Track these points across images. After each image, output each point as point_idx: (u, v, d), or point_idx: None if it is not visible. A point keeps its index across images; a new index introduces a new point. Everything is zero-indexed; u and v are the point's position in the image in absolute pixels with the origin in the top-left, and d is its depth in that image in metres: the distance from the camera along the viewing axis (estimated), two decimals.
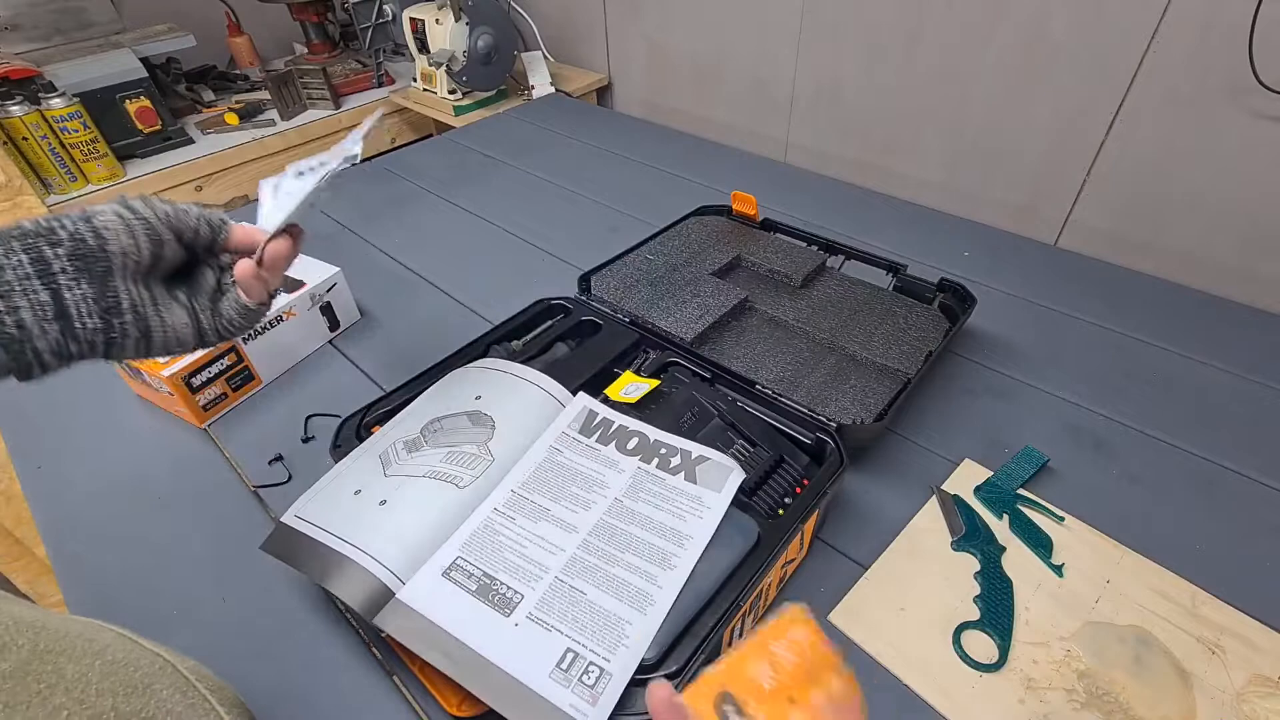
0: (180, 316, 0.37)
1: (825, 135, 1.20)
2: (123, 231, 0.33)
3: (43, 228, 0.32)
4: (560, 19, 1.58)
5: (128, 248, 0.34)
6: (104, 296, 0.33)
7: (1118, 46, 0.82)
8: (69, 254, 0.32)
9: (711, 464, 0.49)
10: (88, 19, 1.50)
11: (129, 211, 0.34)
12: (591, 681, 0.37)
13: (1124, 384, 0.67)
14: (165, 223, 0.35)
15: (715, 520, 0.45)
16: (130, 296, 0.34)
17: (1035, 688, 0.44)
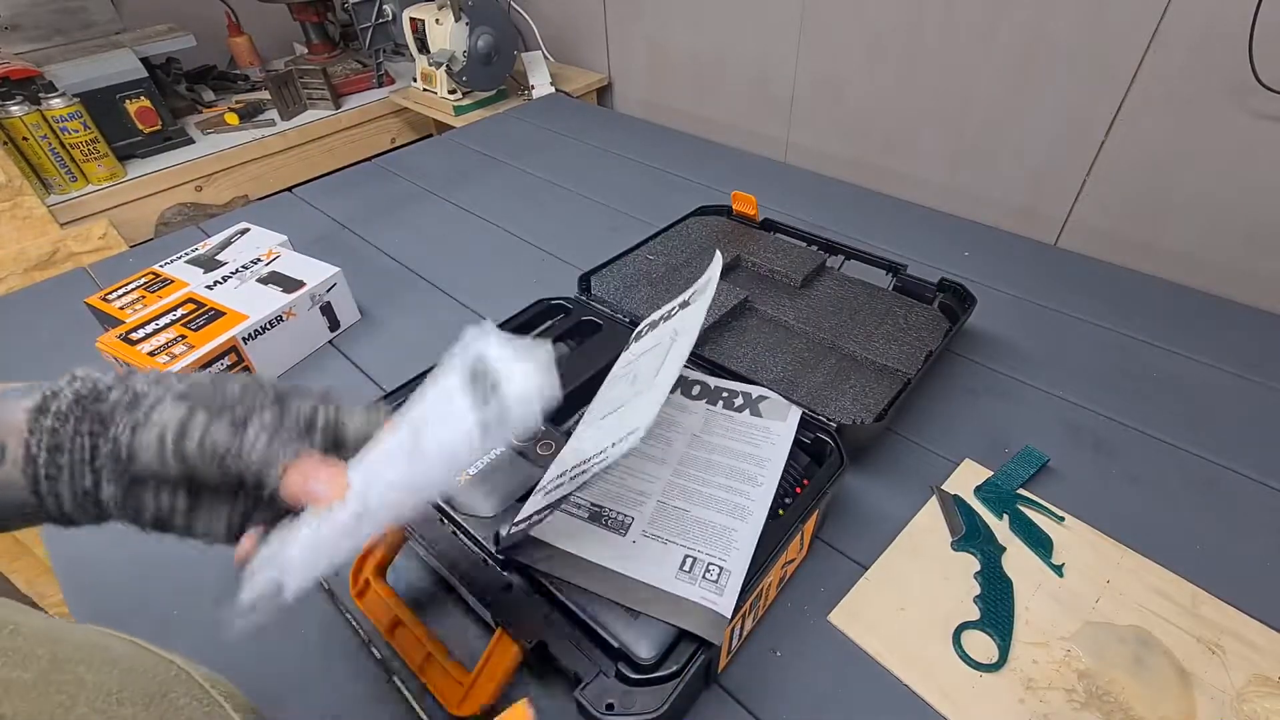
0: (217, 528, 0.33)
1: (825, 135, 1.20)
2: (154, 456, 0.29)
3: (106, 413, 0.29)
4: (560, 19, 1.58)
5: (153, 469, 0.30)
6: (128, 502, 0.30)
7: (1118, 46, 0.82)
8: (109, 454, 0.29)
9: (771, 401, 0.54)
10: (88, 19, 1.50)
11: (172, 440, 0.29)
12: (715, 577, 0.42)
13: (1124, 384, 0.67)
14: (208, 459, 0.30)
15: (786, 444, 0.51)
16: (156, 506, 0.31)
17: (1035, 688, 0.44)
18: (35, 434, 0.28)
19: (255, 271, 0.74)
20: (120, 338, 0.64)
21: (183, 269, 0.77)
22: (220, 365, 0.64)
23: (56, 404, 0.29)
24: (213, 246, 0.81)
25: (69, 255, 1.22)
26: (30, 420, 0.28)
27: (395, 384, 0.59)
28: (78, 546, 0.55)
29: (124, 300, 0.72)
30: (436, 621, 0.47)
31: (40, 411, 0.29)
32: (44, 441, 0.28)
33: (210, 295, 0.70)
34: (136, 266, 0.79)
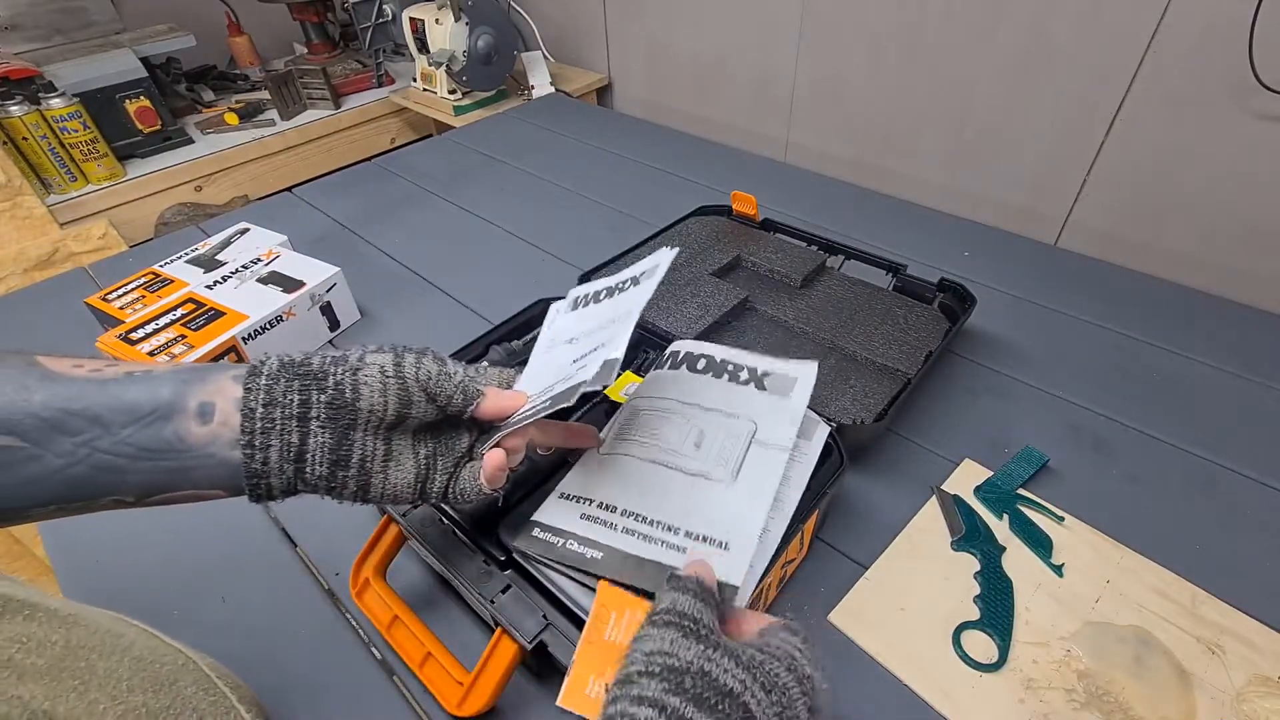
0: (406, 474, 0.36)
1: (825, 135, 1.20)
2: (377, 391, 0.33)
3: (316, 369, 0.33)
4: (560, 19, 1.58)
5: (376, 405, 0.33)
6: (339, 447, 0.33)
7: (1118, 46, 0.82)
8: (328, 401, 0.32)
9: (775, 376, 0.51)
10: (88, 19, 1.50)
11: (393, 369, 0.34)
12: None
13: (1124, 384, 0.67)
14: (422, 386, 0.34)
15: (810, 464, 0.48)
16: (362, 450, 0.34)
17: (1035, 688, 0.44)
18: (252, 391, 0.31)
19: (255, 271, 0.74)
20: (120, 338, 0.64)
21: (183, 269, 0.77)
22: None
23: (266, 367, 0.32)
24: (213, 246, 0.81)
25: (69, 255, 1.22)
26: (245, 379, 0.31)
27: None
28: (77, 547, 0.55)
29: (124, 300, 0.72)
30: (436, 621, 0.47)
31: (252, 374, 0.32)
32: (260, 397, 0.31)
33: (210, 295, 0.70)
34: (136, 266, 0.79)
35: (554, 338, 0.45)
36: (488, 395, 0.37)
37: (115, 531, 0.56)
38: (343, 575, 0.51)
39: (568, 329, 0.45)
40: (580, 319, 0.45)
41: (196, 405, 0.30)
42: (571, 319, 0.46)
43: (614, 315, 0.42)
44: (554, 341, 0.45)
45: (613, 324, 0.41)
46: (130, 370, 0.31)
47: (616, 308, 0.43)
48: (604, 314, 0.43)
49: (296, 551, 0.54)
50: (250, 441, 0.31)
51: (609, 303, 0.44)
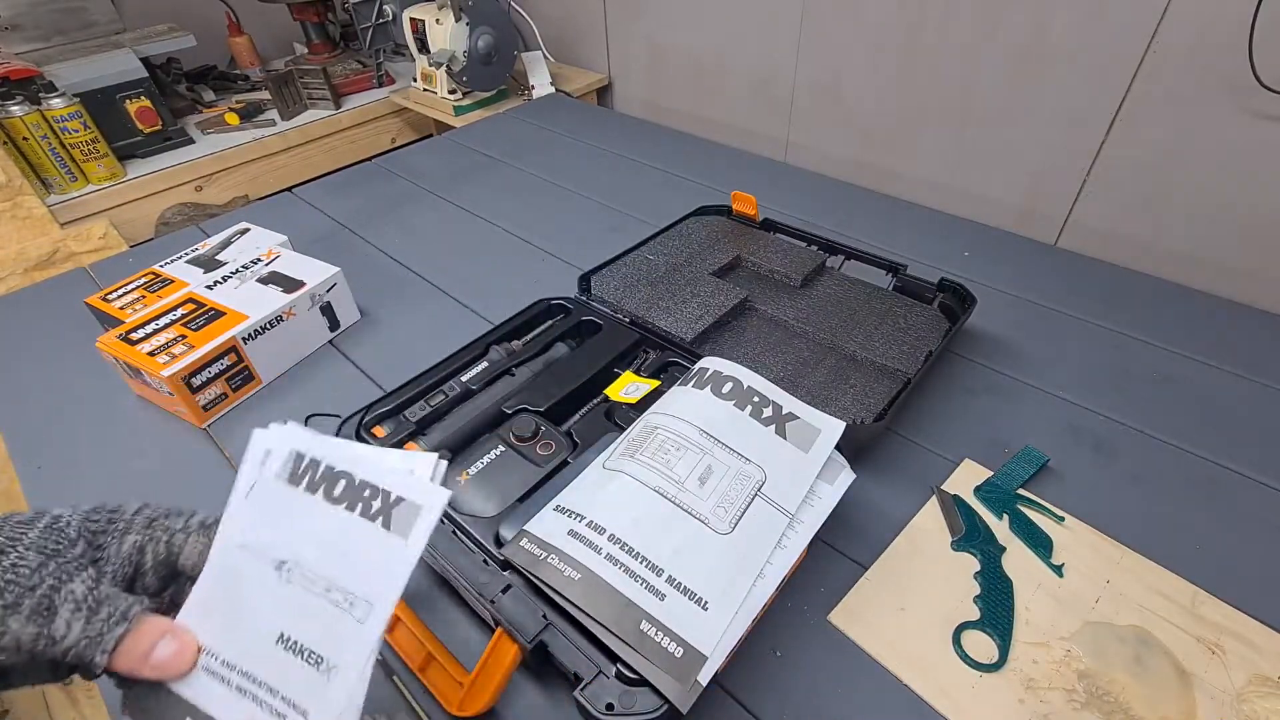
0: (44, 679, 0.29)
1: (825, 135, 1.20)
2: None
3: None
4: (560, 19, 1.58)
5: None
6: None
7: (1118, 46, 0.82)
8: None
9: (799, 424, 0.49)
10: (88, 19, 1.50)
11: None
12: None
13: (1124, 384, 0.67)
14: (14, 652, 0.25)
15: (828, 508, 0.46)
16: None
17: (1035, 688, 0.44)
18: None
19: (255, 271, 0.74)
20: (120, 338, 0.64)
21: (183, 269, 0.77)
22: (220, 365, 0.64)
23: None
24: (213, 246, 0.81)
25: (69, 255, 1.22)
26: None
27: (395, 384, 0.59)
28: None
29: (124, 300, 0.72)
30: (436, 622, 0.47)
31: None
32: None
33: (210, 295, 0.70)
34: (136, 266, 0.79)
35: (252, 538, 0.32)
36: (119, 659, 0.27)
37: None
38: None
39: (276, 534, 0.32)
40: (298, 519, 0.32)
41: None
42: (284, 508, 0.32)
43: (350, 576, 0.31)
44: (252, 546, 0.32)
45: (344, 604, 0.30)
46: None
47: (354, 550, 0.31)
48: (336, 546, 0.31)
49: None
50: None
51: (342, 519, 0.31)
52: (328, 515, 0.32)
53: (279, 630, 0.30)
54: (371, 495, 0.32)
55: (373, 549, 0.31)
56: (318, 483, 0.32)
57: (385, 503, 0.31)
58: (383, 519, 0.31)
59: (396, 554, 0.30)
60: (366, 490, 0.32)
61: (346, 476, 0.32)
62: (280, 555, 0.31)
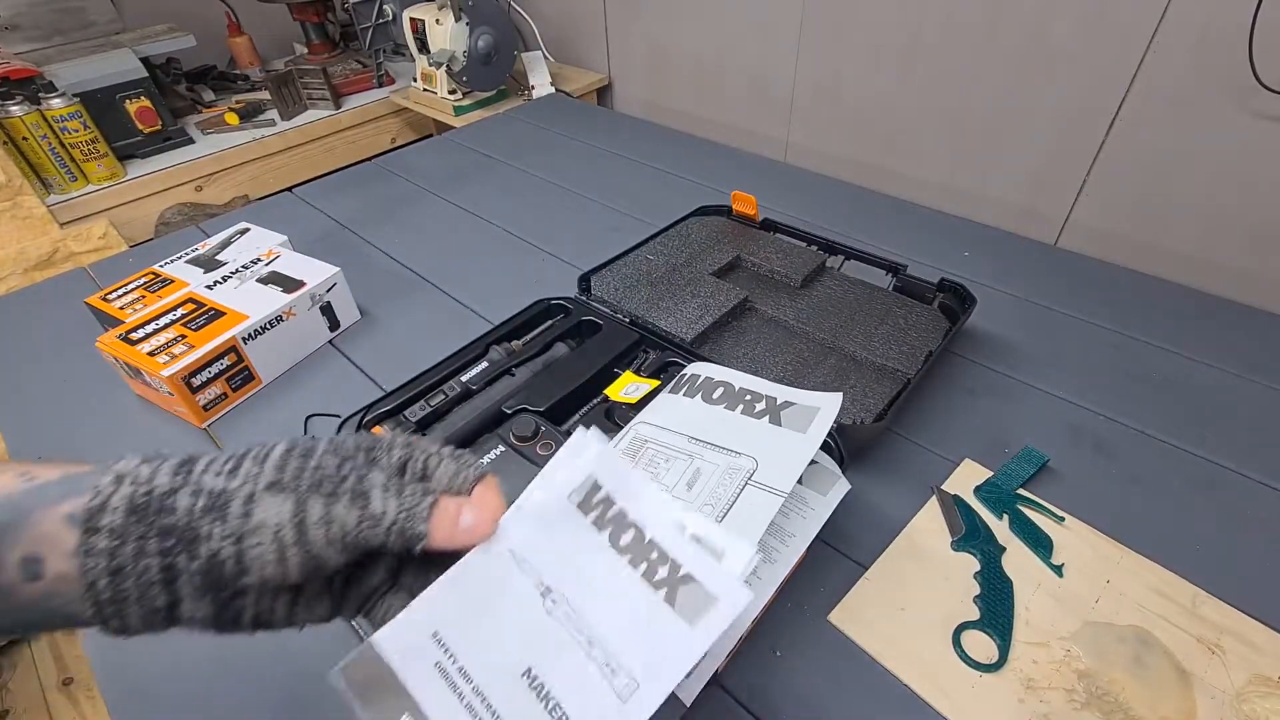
0: (317, 613, 0.29)
1: (825, 135, 1.20)
2: (272, 563, 0.25)
3: (181, 522, 0.25)
4: (560, 19, 1.58)
5: (271, 577, 0.25)
6: (222, 616, 0.26)
7: (1118, 46, 0.82)
8: (201, 572, 0.25)
9: (796, 408, 0.47)
10: (88, 19, 1.50)
11: (293, 533, 0.25)
12: None
13: (1124, 384, 0.67)
14: (338, 545, 0.26)
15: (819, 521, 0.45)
16: (256, 612, 0.27)
17: (1035, 688, 0.44)
18: (92, 557, 0.24)
19: (255, 271, 0.74)
20: (120, 338, 0.64)
21: (183, 269, 0.77)
22: (220, 365, 0.64)
23: (109, 519, 0.24)
24: (213, 246, 0.81)
25: (69, 255, 1.22)
26: (81, 540, 0.24)
27: (395, 384, 0.59)
28: None
29: (124, 300, 0.72)
30: None
31: (90, 530, 0.24)
32: (102, 565, 0.24)
33: (210, 295, 0.70)
34: (136, 266, 0.79)
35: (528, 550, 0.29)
36: (433, 532, 0.27)
37: None
38: None
39: (552, 558, 0.29)
40: (579, 553, 0.29)
41: (17, 561, 0.24)
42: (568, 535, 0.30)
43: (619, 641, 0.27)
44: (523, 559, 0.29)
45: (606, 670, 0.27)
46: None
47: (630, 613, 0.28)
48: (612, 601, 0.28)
49: None
50: (98, 609, 0.24)
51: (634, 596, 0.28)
52: (610, 564, 0.29)
53: (527, 664, 0.27)
54: (659, 560, 0.28)
55: (650, 621, 0.27)
56: (607, 522, 0.29)
57: (673, 574, 0.28)
58: (667, 591, 0.28)
59: (677, 638, 0.27)
60: (655, 552, 0.28)
61: (637, 529, 0.29)
62: (549, 582, 0.29)
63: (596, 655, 0.27)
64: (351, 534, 0.26)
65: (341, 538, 0.25)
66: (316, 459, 0.27)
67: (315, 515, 0.25)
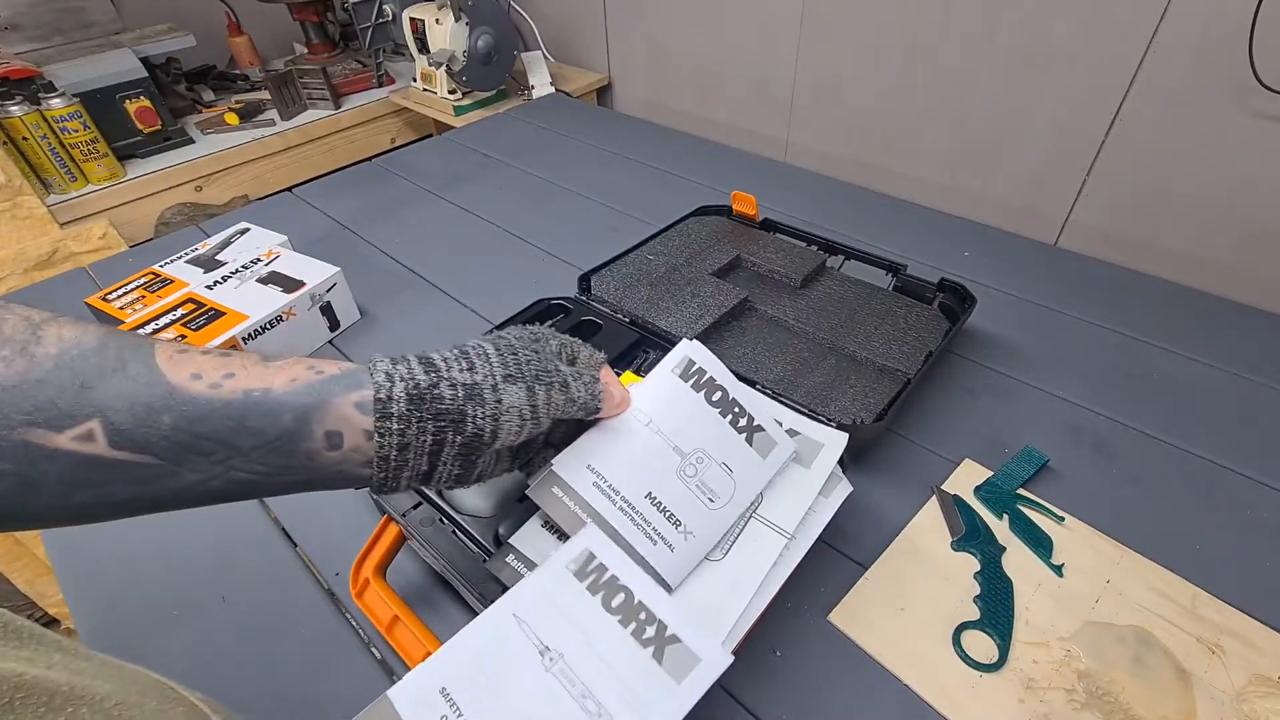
0: (509, 467, 0.38)
1: (825, 135, 1.20)
2: (515, 431, 0.34)
3: (452, 409, 0.32)
4: (560, 19, 1.58)
5: (509, 441, 0.34)
6: (465, 472, 0.34)
7: (1118, 46, 0.82)
8: (464, 443, 0.33)
9: (801, 439, 0.47)
10: (88, 19, 1.50)
11: (530, 411, 0.34)
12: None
13: (1124, 384, 0.67)
14: (552, 416, 0.35)
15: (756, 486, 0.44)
16: (482, 469, 0.35)
17: (1035, 688, 0.44)
18: (385, 436, 0.31)
19: (255, 271, 0.74)
20: None
21: (183, 269, 0.77)
22: None
23: (396, 407, 0.31)
24: (213, 246, 0.81)
25: (69, 255, 1.22)
26: (376, 423, 0.31)
27: None
28: (78, 547, 0.55)
29: (124, 300, 0.72)
30: (436, 621, 0.47)
31: (384, 415, 0.31)
32: (393, 441, 0.31)
33: (210, 295, 0.70)
34: (136, 266, 0.79)
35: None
36: (605, 406, 0.38)
37: (115, 532, 0.56)
38: (343, 575, 0.51)
39: (674, 422, 0.41)
40: (687, 417, 0.41)
41: (323, 434, 0.30)
42: (678, 398, 0.42)
43: (709, 488, 0.40)
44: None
45: (703, 505, 0.40)
46: (248, 388, 0.30)
47: (723, 463, 0.41)
48: (710, 447, 0.41)
49: (296, 551, 0.54)
50: (383, 473, 0.32)
51: (720, 432, 0.42)
52: (603, 623, 0.33)
53: (527, 718, 0.31)
54: (647, 620, 0.33)
55: (641, 678, 0.32)
56: (600, 587, 0.35)
57: (660, 634, 0.33)
58: (654, 649, 0.33)
59: (665, 694, 0.31)
60: (643, 613, 0.34)
61: (626, 591, 0.34)
62: (548, 642, 0.33)
63: (590, 708, 0.31)
64: (560, 410, 0.35)
65: (556, 413, 0.35)
66: (525, 354, 0.35)
67: (542, 399, 0.34)
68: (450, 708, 0.31)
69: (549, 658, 0.32)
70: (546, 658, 0.32)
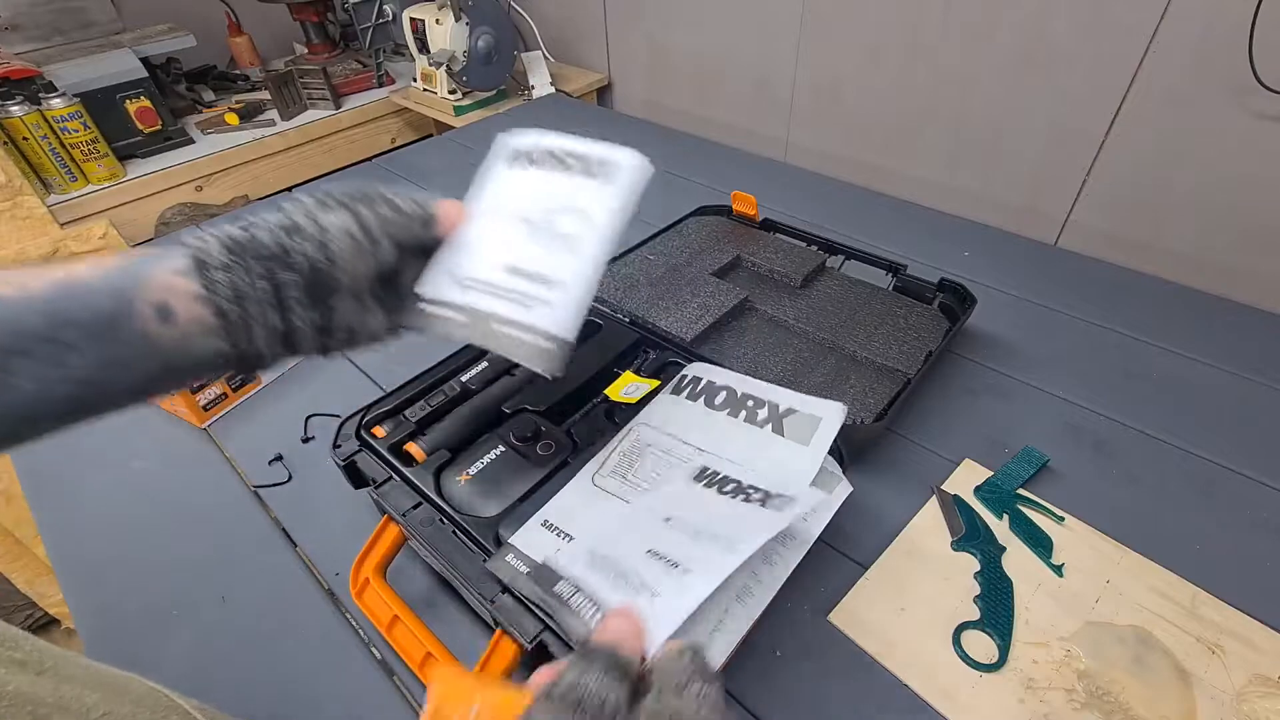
0: (380, 318, 0.36)
1: (825, 135, 1.20)
2: (353, 256, 0.33)
3: (278, 247, 0.31)
4: (560, 19, 1.58)
5: (354, 270, 0.33)
6: (325, 320, 0.33)
7: (1118, 46, 0.82)
8: (302, 280, 0.31)
9: (798, 416, 0.48)
10: (88, 19, 1.50)
11: (359, 229, 0.33)
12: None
13: (1124, 384, 0.67)
14: (390, 236, 0.34)
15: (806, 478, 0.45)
16: (345, 315, 0.34)
17: (1035, 688, 0.44)
18: (213, 289, 0.30)
19: None
20: None
21: None
22: None
23: (215, 259, 0.30)
24: None
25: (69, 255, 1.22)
26: (196, 275, 0.30)
27: (395, 384, 0.59)
28: (78, 547, 0.55)
29: None
30: (436, 621, 0.47)
31: (200, 267, 0.30)
32: (224, 293, 0.30)
33: None
34: None
35: (496, 201, 0.41)
36: (439, 215, 0.37)
37: (115, 531, 0.56)
38: (343, 575, 0.51)
39: (514, 199, 0.41)
40: (525, 189, 0.42)
41: (150, 310, 0.29)
42: (512, 180, 0.42)
43: (564, 234, 0.41)
44: (499, 209, 0.41)
45: (564, 252, 0.40)
46: (54, 279, 0.28)
47: (572, 209, 0.42)
48: (554, 203, 0.41)
49: (296, 551, 0.54)
50: (231, 335, 0.31)
51: (559, 184, 0.42)
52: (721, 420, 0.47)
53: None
54: (756, 405, 0.47)
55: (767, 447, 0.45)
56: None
57: (773, 412, 0.46)
58: (773, 425, 0.46)
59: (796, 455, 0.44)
60: (750, 401, 0.48)
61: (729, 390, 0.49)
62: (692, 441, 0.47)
63: (704, 536, 0.38)
64: (394, 225, 0.34)
65: (390, 229, 0.34)
66: (340, 191, 0.34)
67: (368, 215, 0.33)
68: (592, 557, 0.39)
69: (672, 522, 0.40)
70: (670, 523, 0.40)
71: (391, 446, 0.53)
